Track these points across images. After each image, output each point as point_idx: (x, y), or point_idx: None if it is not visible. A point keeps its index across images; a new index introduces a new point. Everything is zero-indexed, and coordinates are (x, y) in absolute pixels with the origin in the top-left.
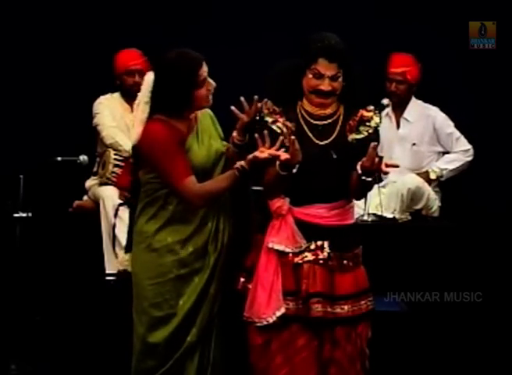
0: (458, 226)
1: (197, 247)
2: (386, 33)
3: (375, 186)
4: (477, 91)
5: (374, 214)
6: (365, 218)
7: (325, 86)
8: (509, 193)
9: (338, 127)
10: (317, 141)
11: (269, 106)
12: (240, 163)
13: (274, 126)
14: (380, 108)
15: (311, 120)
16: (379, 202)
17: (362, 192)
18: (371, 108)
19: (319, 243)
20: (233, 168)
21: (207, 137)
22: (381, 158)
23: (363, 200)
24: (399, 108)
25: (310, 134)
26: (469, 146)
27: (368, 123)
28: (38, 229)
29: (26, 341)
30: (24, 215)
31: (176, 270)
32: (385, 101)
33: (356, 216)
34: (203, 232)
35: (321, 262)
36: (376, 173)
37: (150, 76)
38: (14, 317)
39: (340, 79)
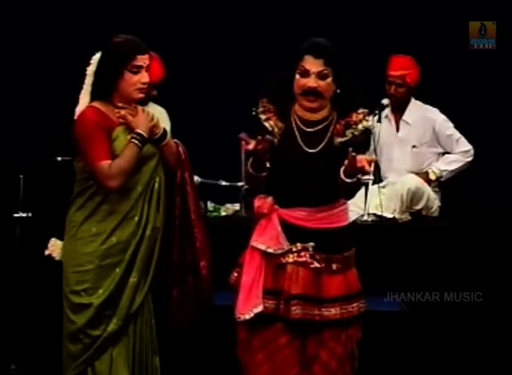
0: (458, 226)
1: (121, 239)
2: (386, 34)
3: (375, 186)
4: (477, 91)
5: (374, 214)
6: (365, 218)
7: (312, 82)
8: (509, 193)
9: (329, 134)
10: (306, 148)
11: (265, 104)
12: (135, 131)
13: (266, 124)
14: (380, 108)
15: (302, 126)
16: (379, 202)
17: (349, 193)
18: (362, 111)
19: (303, 245)
20: (129, 139)
21: None
22: (375, 161)
23: (363, 200)
24: (398, 111)
25: (300, 141)
26: (469, 147)
27: (354, 126)
28: (38, 229)
29: (26, 341)
30: (24, 215)
31: (98, 260)
32: (385, 101)
33: (356, 216)
34: (128, 225)
35: (304, 263)
36: (358, 174)
37: (96, 56)
38: (14, 317)
39: (329, 79)
